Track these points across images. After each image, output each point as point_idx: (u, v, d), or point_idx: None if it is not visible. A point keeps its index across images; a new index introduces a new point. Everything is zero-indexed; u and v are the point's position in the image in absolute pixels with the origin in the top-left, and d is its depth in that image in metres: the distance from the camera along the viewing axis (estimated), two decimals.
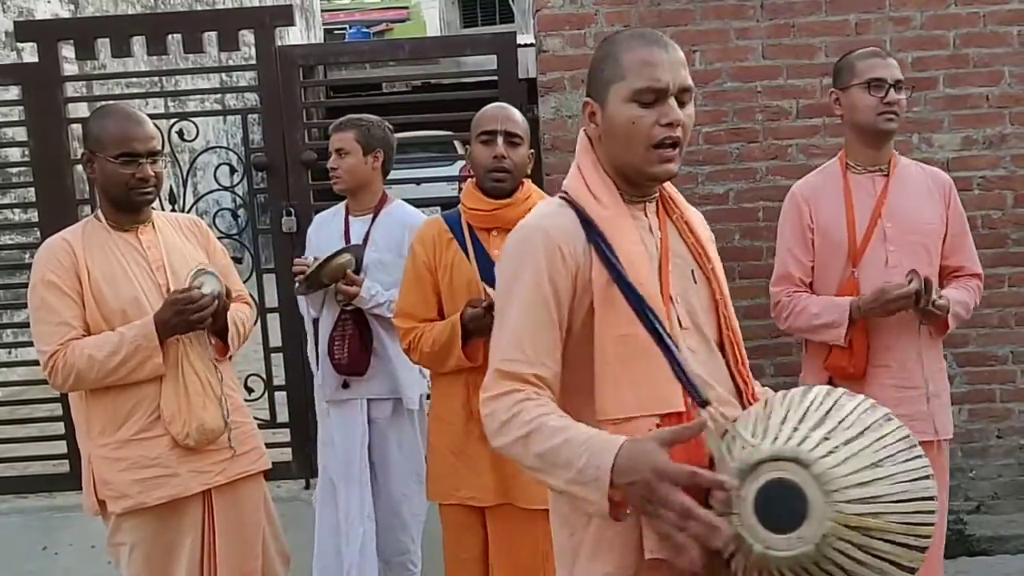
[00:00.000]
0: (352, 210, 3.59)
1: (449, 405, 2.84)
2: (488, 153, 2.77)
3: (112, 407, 2.63)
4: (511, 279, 1.73)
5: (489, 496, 2.77)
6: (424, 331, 2.81)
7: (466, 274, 2.77)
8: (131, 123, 2.62)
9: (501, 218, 2.78)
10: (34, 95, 4.39)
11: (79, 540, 4.30)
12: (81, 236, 2.67)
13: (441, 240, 2.86)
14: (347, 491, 3.51)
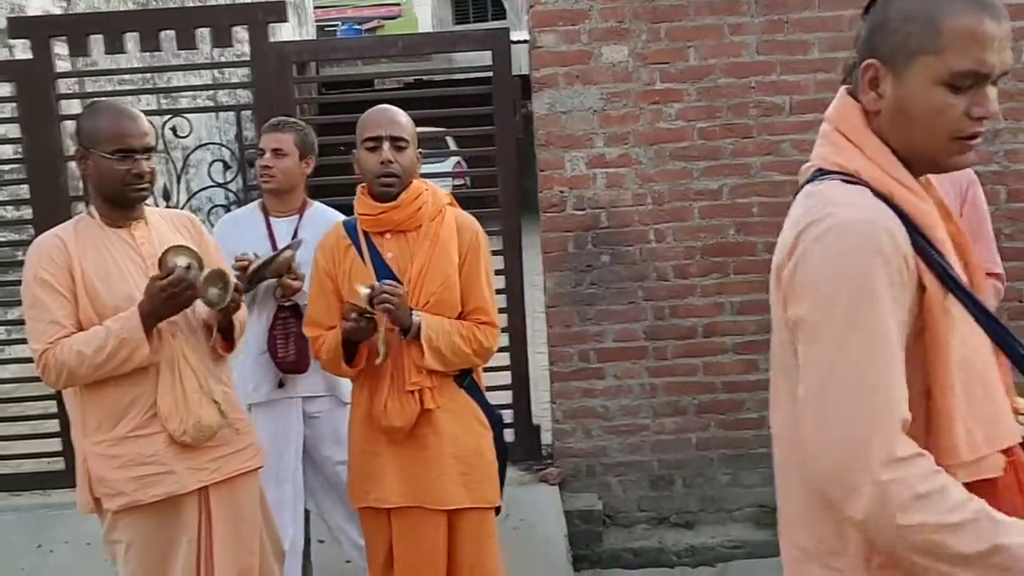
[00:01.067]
0: (273, 211, 3.59)
1: (356, 411, 2.91)
2: (375, 159, 2.77)
3: (108, 404, 2.62)
4: (858, 295, 1.34)
5: (393, 498, 2.81)
6: (326, 339, 2.86)
7: (363, 278, 2.77)
8: (125, 119, 2.61)
9: (389, 221, 2.82)
10: (27, 92, 4.37)
11: (74, 538, 4.29)
12: (74, 233, 2.65)
13: (339, 247, 2.88)
14: (278, 491, 3.46)
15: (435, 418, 2.78)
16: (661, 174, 4.30)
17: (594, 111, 4.27)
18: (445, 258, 2.81)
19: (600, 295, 4.37)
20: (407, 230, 2.82)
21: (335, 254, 2.88)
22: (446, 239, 2.82)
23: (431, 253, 2.80)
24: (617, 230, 4.32)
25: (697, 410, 4.43)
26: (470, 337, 2.81)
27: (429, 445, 2.79)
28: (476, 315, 2.86)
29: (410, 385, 2.75)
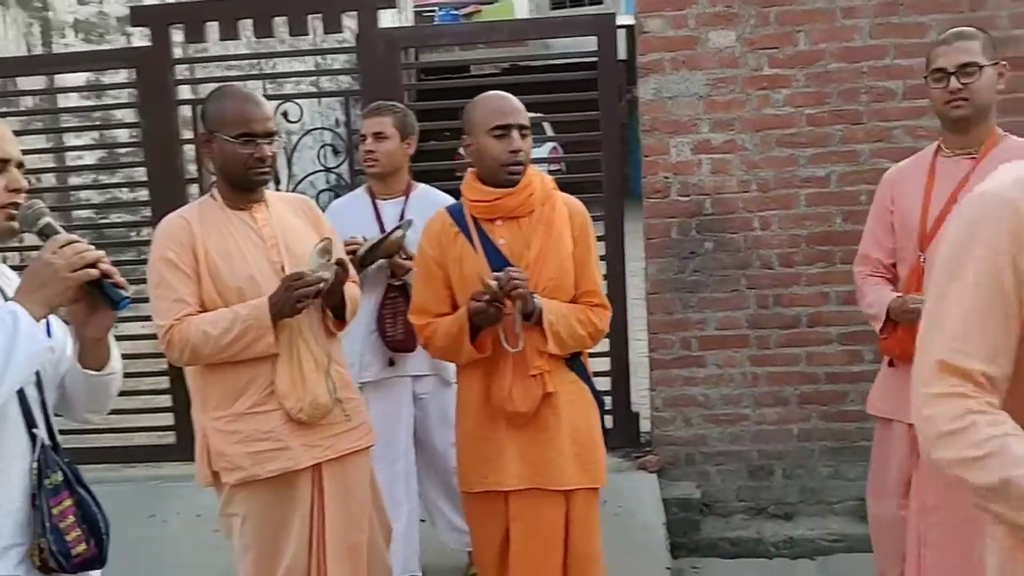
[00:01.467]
0: (379, 194, 3.66)
1: (471, 396, 2.87)
2: (503, 147, 2.73)
3: (228, 381, 2.69)
4: (960, 254, 1.45)
5: (514, 480, 2.81)
6: (438, 326, 2.83)
7: (475, 266, 2.76)
8: (250, 104, 2.68)
9: (503, 207, 2.79)
10: (146, 78, 4.53)
11: (185, 509, 4.45)
12: (198, 214, 2.73)
13: (447, 234, 2.85)
14: (390, 470, 3.56)
15: (553, 400, 2.79)
16: (767, 161, 4.23)
17: (700, 97, 4.23)
18: (560, 243, 2.80)
19: (703, 282, 4.33)
20: (519, 216, 2.80)
21: (442, 241, 2.85)
22: (560, 224, 2.81)
23: (547, 238, 2.79)
24: (721, 217, 4.27)
25: (799, 401, 4.36)
26: (585, 320, 2.81)
27: (548, 427, 2.79)
28: (588, 298, 2.86)
29: (533, 369, 2.75)
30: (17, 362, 1.74)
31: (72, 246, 1.83)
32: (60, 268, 1.80)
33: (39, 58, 6.00)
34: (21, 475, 1.87)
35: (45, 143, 6.02)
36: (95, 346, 1.97)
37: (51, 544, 1.84)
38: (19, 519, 1.86)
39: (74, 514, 1.90)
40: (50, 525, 1.85)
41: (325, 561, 2.77)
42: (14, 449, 1.87)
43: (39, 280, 1.80)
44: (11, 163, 1.89)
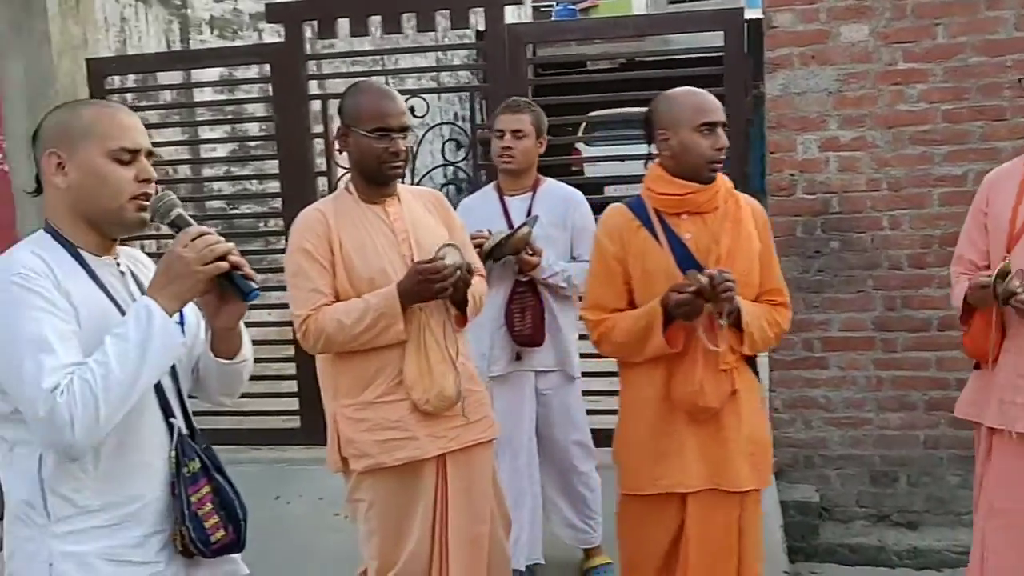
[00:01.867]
0: (507, 190, 3.68)
1: (645, 394, 2.80)
2: (710, 144, 2.69)
3: (358, 370, 2.76)
4: None
5: (694, 481, 2.75)
6: (617, 321, 2.77)
7: (660, 260, 2.71)
8: (385, 99, 2.73)
9: (692, 202, 2.74)
10: (280, 73, 4.67)
11: (308, 492, 4.58)
12: (333, 207, 2.81)
13: (629, 228, 2.79)
14: (514, 462, 3.61)
15: (736, 398, 2.74)
16: (899, 158, 4.12)
17: (829, 92, 4.14)
18: (749, 240, 2.76)
19: (827, 282, 4.24)
20: (706, 211, 2.75)
21: (624, 236, 2.78)
22: (746, 220, 2.78)
23: (736, 235, 2.75)
24: (849, 216, 4.17)
25: (927, 406, 4.23)
26: (773, 321, 2.78)
27: (728, 426, 2.74)
28: (772, 296, 2.82)
29: (724, 364, 2.70)
30: (152, 359, 1.77)
31: (203, 239, 1.84)
32: (192, 261, 1.81)
33: (180, 53, 6.26)
34: (161, 464, 1.92)
35: (181, 135, 6.28)
36: (227, 335, 2.01)
37: (191, 531, 1.88)
38: (160, 507, 1.91)
39: (212, 501, 1.93)
40: (189, 513, 1.89)
41: (447, 550, 2.81)
42: (153, 439, 1.91)
43: (172, 274, 1.82)
44: (141, 153, 1.91)
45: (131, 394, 1.75)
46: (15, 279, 1.76)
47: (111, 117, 1.91)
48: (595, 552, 3.87)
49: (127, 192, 1.88)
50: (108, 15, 5.55)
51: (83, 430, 1.70)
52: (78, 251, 1.90)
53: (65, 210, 1.89)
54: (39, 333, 1.72)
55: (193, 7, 6.60)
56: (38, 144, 1.91)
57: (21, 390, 1.72)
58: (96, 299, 1.86)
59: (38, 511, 1.82)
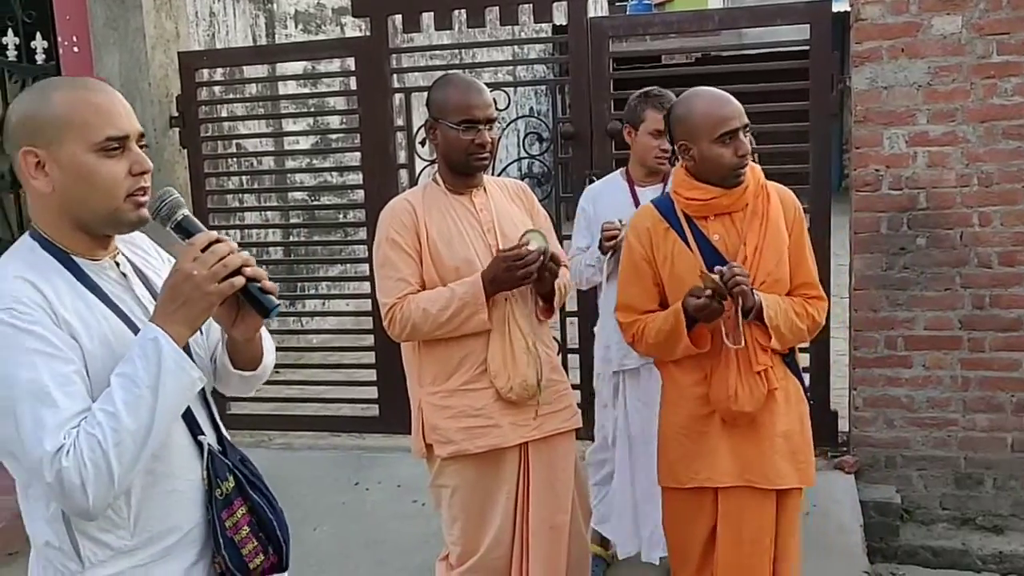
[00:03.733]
0: (638, 179, 3.64)
1: (683, 391, 2.81)
2: (733, 152, 2.63)
3: (443, 358, 2.80)
4: None
5: (725, 477, 2.74)
6: (647, 322, 2.77)
7: (689, 262, 2.69)
8: (472, 91, 2.76)
9: (718, 205, 2.71)
10: (365, 66, 4.74)
11: (386, 479, 4.66)
12: (422, 198, 2.85)
13: (657, 230, 2.77)
14: (645, 453, 3.55)
15: (772, 397, 2.72)
16: (991, 153, 4.02)
17: (919, 86, 4.05)
18: (777, 235, 2.73)
19: (913, 280, 4.16)
20: (733, 211, 2.73)
21: (653, 238, 2.78)
22: (775, 216, 2.74)
23: (763, 232, 2.72)
24: (936, 212, 4.09)
25: (1016, 408, 4.13)
26: (803, 313, 2.74)
27: (762, 423, 2.72)
28: (804, 290, 2.78)
29: (757, 366, 2.69)
30: (166, 402, 1.56)
31: (213, 251, 1.60)
32: (202, 281, 1.58)
33: (268, 47, 6.39)
34: (194, 489, 1.75)
35: (266, 128, 6.41)
36: (246, 346, 1.82)
37: (227, 560, 1.74)
38: (199, 534, 1.76)
39: (249, 524, 1.76)
40: (225, 540, 1.73)
41: (528, 538, 2.85)
42: (182, 463, 1.73)
43: (181, 296, 1.58)
44: (131, 139, 1.66)
45: (146, 445, 1.55)
46: (4, 316, 1.53)
47: (87, 102, 1.63)
48: None
49: (122, 190, 1.64)
50: (199, 10, 5.69)
51: (96, 493, 1.51)
52: (71, 258, 1.67)
53: (51, 215, 1.66)
54: (37, 382, 1.51)
55: (278, 2, 6.73)
56: (8, 139, 1.65)
57: (23, 451, 1.52)
58: (99, 319, 1.65)
59: (69, 556, 1.64)
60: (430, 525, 3.43)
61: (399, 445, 4.54)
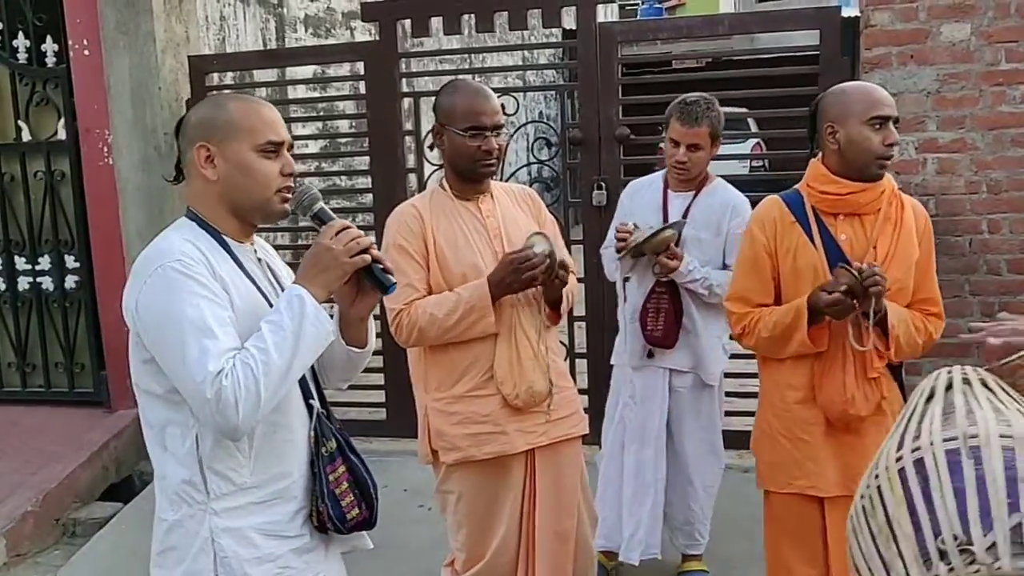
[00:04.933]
0: (673, 187, 3.62)
1: (785, 394, 2.75)
2: (881, 138, 2.58)
3: (449, 364, 2.79)
4: None
5: (830, 487, 2.69)
6: (762, 315, 2.71)
7: (811, 259, 2.64)
8: (479, 98, 2.75)
9: (853, 203, 2.65)
10: (373, 71, 4.75)
11: (394, 484, 4.65)
12: (428, 204, 2.84)
13: (783, 223, 2.71)
14: (640, 452, 3.60)
15: (880, 407, 2.66)
16: (1000, 161, 4.01)
17: (928, 93, 4.05)
18: (910, 244, 2.67)
19: None
20: (864, 213, 2.66)
21: (777, 230, 2.72)
22: (909, 224, 2.67)
23: (896, 238, 2.66)
24: (946, 219, 4.08)
25: None
26: (922, 328, 2.68)
27: (867, 432, 2.65)
28: (926, 305, 2.73)
29: (872, 372, 2.63)
30: (305, 346, 1.84)
31: (347, 232, 1.92)
32: (339, 254, 1.89)
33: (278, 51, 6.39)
34: (303, 443, 1.99)
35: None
36: (358, 324, 2.08)
37: (329, 509, 1.96)
38: (304, 484, 1.99)
39: (348, 480, 2.01)
40: (328, 491, 1.96)
41: (534, 544, 2.84)
42: (297, 419, 1.99)
43: (320, 264, 1.89)
44: (284, 146, 1.98)
45: (287, 379, 1.83)
46: (175, 265, 1.83)
47: (256, 112, 1.97)
48: (694, 558, 3.80)
49: (274, 185, 1.95)
50: (209, 14, 5.71)
51: (246, 412, 1.77)
52: (223, 237, 1.97)
53: (211, 199, 1.97)
54: (200, 318, 1.79)
55: (288, 6, 6.75)
56: (184, 136, 1.98)
57: (186, 373, 1.78)
58: (244, 285, 1.94)
59: (198, 489, 1.90)
60: (436, 530, 3.42)
61: (406, 449, 4.53)
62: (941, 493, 1.35)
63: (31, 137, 5.47)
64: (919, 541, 1.35)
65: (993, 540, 1.27)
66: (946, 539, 1.31)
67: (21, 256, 5.55)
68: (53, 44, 5.33)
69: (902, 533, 1.38)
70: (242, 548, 1.91)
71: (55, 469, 4.82)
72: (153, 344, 1.85)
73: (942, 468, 1.37)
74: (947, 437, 1.40)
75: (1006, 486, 1.31)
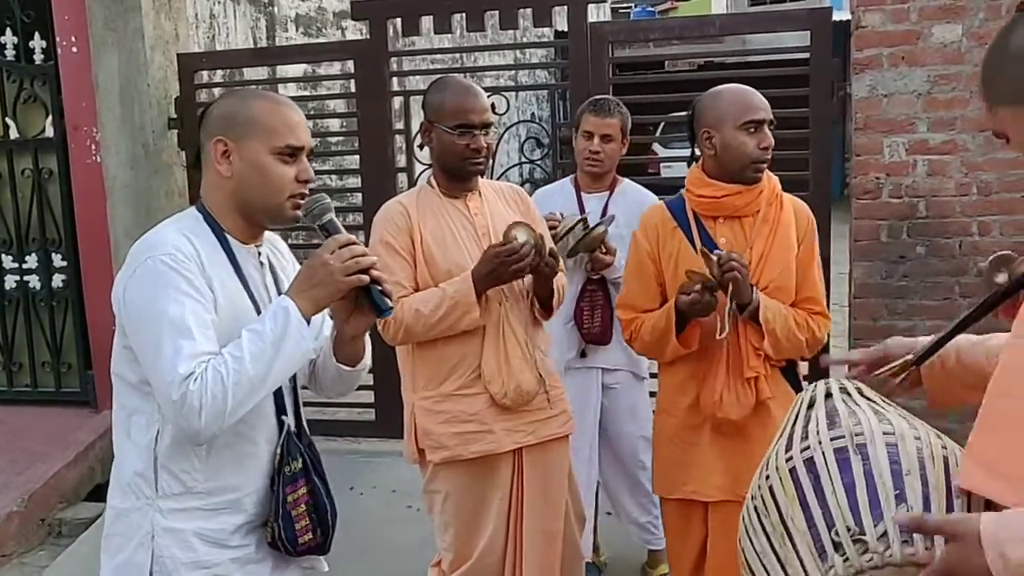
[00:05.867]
0: (585, 187, 3.66)
1: (675, 399, 2.77)
2: (756, 142, 2.61)
3: (437, 362, 2.78)
4: None
5: (715, 492, 2.70)
6: (644, 321, 2.75)
7: (692, 263, 2.64)
8: (468, 96, 2.74)
9: (730, 205, 2.68)
10: (363, 69, 4.73)
11: (381, 484, 4.64)
12: (416, 201, 2.83)
13: (665, 228, 2.75)
14: (574, 458, 3.52)
15: (764, 408, 2.66)
16: (991, 163, 4.00)
17: (919, 94, 4.04)
18: (786, 244, 2.68)
19: (912, 288, 4.14)
20: (743, 215, 2.69)
21: (660, 236, 2.76)
22: (786, 225, 2.69)
23: (771, 239, 2.67)
24: (936, 220, 4.07)
25: None
26: (803, 324, 2.67)
27: (753, 435, 2.63)
28: (808, 304, 2.72)
29: (748, 371, 2.63)
30: (283, 359, 1.79)
31: (349, 248, 1.85)
32: (336, 271, 1.83)
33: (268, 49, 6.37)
34: (267, 458, 1.95)
35: None
36: (351, 342, 2.02)
37: (281, 529, 1.92)
38: (259, 499, 1.95)
39: (306, 503, 1.96)
40: (283, 511, 1.92)
41: (521, 544, 2.83)
42: (262, 433, 1.94)
43: (315, 279, 1.84)
44: (304, 151, 1.94)
45: (259, 391, 1.80)
46: (165, 259, 1.80)
47: (280, 113, 1.93)
48: (660, 557, 3.78)
49: (287, 191, 1.91)
50: (198, 12, 5.68)
51: (208, 419, 1.74)
52: (226, 237, 1.94)
53: (222, 196, 1.94)
54: (181, 316, 1.77)
55: (279, 5, 6.72)
56: (205, 127, 1.95)
57: (157, 370, 1.76)
58: (234, 290, 1.91)
59: (148, 483, 1.88)
60: (424, 530, 3.40)
61: (394, 449, 4.49)
62: (832, 488, 1.41)
63: (18, 135, 5.42)
64: (813, 536, 1.40)
65: (884, 529, 1.33)
66: (840, 531, 1.36)
67: (8, 254, 5.51)
68: (41, 41, 5.30)
69: (796, 529, 1.43)
70: (179, 550, 1.88)
71: (41, 469, 4.78)
72: (132, 335, 1.83)
73: (831, 465, 1.44)
74: (834, 436, 1.48)
75: (892, 479, 1.38)
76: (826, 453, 1.46)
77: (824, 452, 1.46)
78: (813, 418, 1.56)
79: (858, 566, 1.32)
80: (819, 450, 1.47)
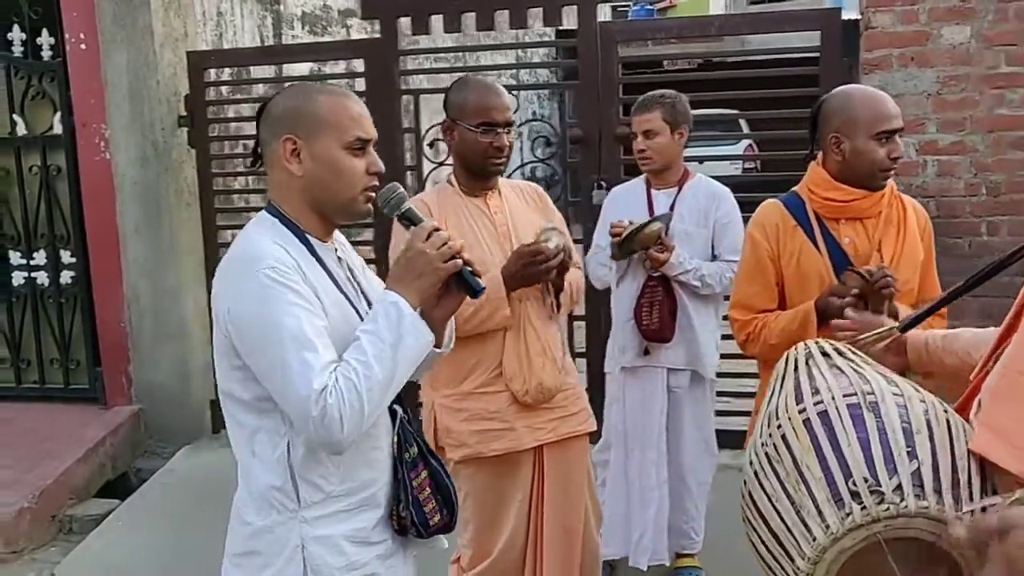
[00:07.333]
0: (655, 184, 3.64)
1: None
2: (888, 152, 2.53)
3: (458, 361, 2.76)
4: None
5: None
6: (767, 321, 2.67)
7: (815, 263, 2.60)
8: (491, 94, 2.75)
9: (856, 209, 2.61)
10: (374, 68, 4.74)
11: None
12: (437, 198, 2.84)
13: (785, 227, 2.66)
14: (643, 456, 3.59)
15: None
16: (999, 163, 4.04)
17: (928, 95, 4.07)
18: (915, 245, 2.65)
19: None
20: (866, 217, 2.63)
21: (780, 235, 2.67)
22: (913, 225, 2.66)
23: (901, 240, 2.63)
24: (945, 221, 4.10)
25: None
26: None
27: None
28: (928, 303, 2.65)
29: None
30: (405, 357, 1.80)
31: (438, 235, 1.86)
32: (433, 258, 1.84)
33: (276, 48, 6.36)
34: (388, 449, 1.96)
35: None
36: (440, 325, 2.00)
37: (413, 515, 1.94)
38: (386, 492, 1.97)
39: (430, 486, 1.98)
40: (412, 497, 1.94)
41: (542, 541, 2.84)
42: (381, 426, 1.94)
43: (416, 270, 1.84)
44: (371, 143, 1.92)
45: (389, 392, 1.81)
46: (269, 272, 1.77)
47: (345, 106, 1.91)
48: (688, 556, 3.79)
49: (360, 184, 1.89)
50: (206, 9, 5.68)
51: (350, 429, 1.74)
52: (307, 238, 1.91)
53: (294, 195, 1.90)
54: (299, 329, 1.74)
55: (285, 3, 6.72)
56: (267, 125, 1.91)
57: (289, 386, 1.74)
58: (332, 290, 1.89)
59: (289, 497, 1.87)
60: None
61: None
62: (848, 441, 1.45)
63: (27, 131, 5.43)
64: (829, 483, 1.44)
65: (899, 483, 1.38)
66: (857, 481, 1.40)
67: (16, 251, 5.52)
68: (49, 38, 5.30)
69: (812, 476, 1.47)
70: (332, 556, 1.88)
71: (51, 466, 4.79)
72: (250, 355, 1.80)
73: (846, 419, 1.49)
74: (847, 393, 1.53)
75: (903, 436, 1.43)
76: (840, 408, 1.51)
77: (838, 407, 1.51)
78: (817, 375, 1.61)
79: (875, 515, 1.37)
80: (832, 404, 1.52)
